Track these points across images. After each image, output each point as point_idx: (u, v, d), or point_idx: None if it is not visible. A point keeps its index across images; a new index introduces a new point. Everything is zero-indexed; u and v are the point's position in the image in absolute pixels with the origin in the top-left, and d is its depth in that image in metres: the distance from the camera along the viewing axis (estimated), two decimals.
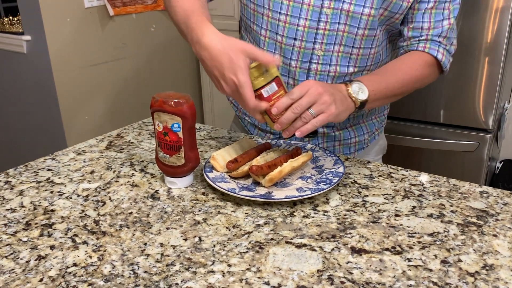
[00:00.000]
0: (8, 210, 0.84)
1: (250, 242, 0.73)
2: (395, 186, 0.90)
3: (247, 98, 0.81)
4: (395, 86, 0.98)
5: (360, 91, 0.90)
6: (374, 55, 1.06)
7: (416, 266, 0.67)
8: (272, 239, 0.74)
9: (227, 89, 0.83)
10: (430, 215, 0.80)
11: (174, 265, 0.68)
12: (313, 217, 0.80)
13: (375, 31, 1.01)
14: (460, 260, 0.68)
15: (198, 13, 0.89)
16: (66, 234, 0.76)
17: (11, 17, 2.24)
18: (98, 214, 0.82)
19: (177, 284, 0.64)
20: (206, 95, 2.71)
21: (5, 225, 0.79)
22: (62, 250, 0.72)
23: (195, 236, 0.75)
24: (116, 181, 0.94)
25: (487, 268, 0.67)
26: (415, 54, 1.03)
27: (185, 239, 0.74)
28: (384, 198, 0.85)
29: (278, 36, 1.03)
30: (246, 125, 1.22)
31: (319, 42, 1.01)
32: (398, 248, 0.71)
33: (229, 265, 0.67)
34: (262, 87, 0.84)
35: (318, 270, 0.66)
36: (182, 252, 0.71)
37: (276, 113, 0.83)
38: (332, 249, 0.71)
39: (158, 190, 0.90)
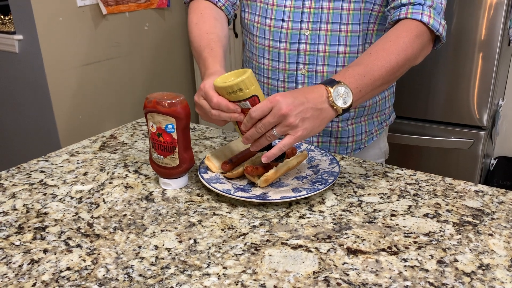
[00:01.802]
0: (0, 213, 0.83)
1: (245, 244, 0.72)
2: (390, 185, 0.90)
3: (211, 96, 0.81)
4: (383, 73, 0.88)
5: (343, 96, 0.82)
6: (363, 32, 1.03)
7: (412, 267, 0.67)
8: (267, 240, 0.73)
9: (197, 102, 0.85)
10: (426, 215, 0.80)
11: (169, 268, 0.67)
12: (308, 217, 0.79)
13: (360, 4, 1.00)
14: (456, 260, 0.68)
15: (207, 50, 0.96)
16: (59, 237, 0.75)
17: (2, 17, 2.22)
18: (92, 217, 0.81)
19: (172, 287, 0.63)
20: None
21: None
22: (55, 254, 0.71)
23: (190, 238, 0.74)
24: (110, 183, 0.93)
25: (483, 267, 0.66)
26: (399, 26, 0.93)
27: (180, 242, 0.73)
28: (380, 198, 0.85)
29: (267, 20, 1.07)
30: None
31: (306, 21, 1.03)
32: (394, 249, 0.71)
33: (225, 268, 0.67)
34: (235, 101, 0.80)
35: (314, 272, 0.66)
36: (177, 255, 0.70)
37: (243, 129, 0.81)
38: (328, 250, 0.70)
39: (152, 192, 0.89)
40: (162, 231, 0.76)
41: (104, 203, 0.85)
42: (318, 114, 0.79)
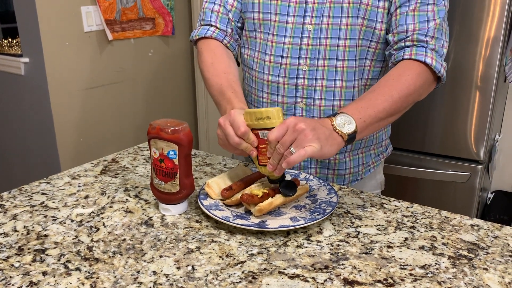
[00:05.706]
0: (0, 234, 0.83)
1: (243, 272, 0.73)
2: (387, 217, 0.91)
3: (239, 124, 0.84)
4: (386, 107, 0.92)
5: (346, 123, 0.87)
6: (359, 68, 1.07)
7: None
8: (265, 269, 0.74)
9: (221, 123, 0.88)
10: (422, 247, 0.81)
11: None
12: (306, 247, 0.80)
13: (356, 41, 1.04)
14: None
15: (230, 90, 1.01)
16: (59, 260, 0.76)
17: (10, 39, 2.27)
18: (92, 240, 0.82)
19: None
20: (201, 121, 2.73)
21: None
22: (54, 277, 0.71)
23: (188, 265, 0.75)
24: (110, 207, 0.94)
25: None
26: (402, 64, 0.99)
27: (178, 268, 0.74)
28: (377, 229, 0.86)
29: (267, 56, 1.10)
30: None
31: (304, 57, 1.06)
32: (390, 280, 0.71)
33: None
34: (260, 129, 0.85)
35: None
36: (175, 281, 0.71)
37: (269, 156, 0.84)
38: (325, 280, 0.71)
39: (152, 217, 0.90)
40: (160, 256, 0.77)
41: (104, 227, 0.86)
42: (329, 135, 0.84)
